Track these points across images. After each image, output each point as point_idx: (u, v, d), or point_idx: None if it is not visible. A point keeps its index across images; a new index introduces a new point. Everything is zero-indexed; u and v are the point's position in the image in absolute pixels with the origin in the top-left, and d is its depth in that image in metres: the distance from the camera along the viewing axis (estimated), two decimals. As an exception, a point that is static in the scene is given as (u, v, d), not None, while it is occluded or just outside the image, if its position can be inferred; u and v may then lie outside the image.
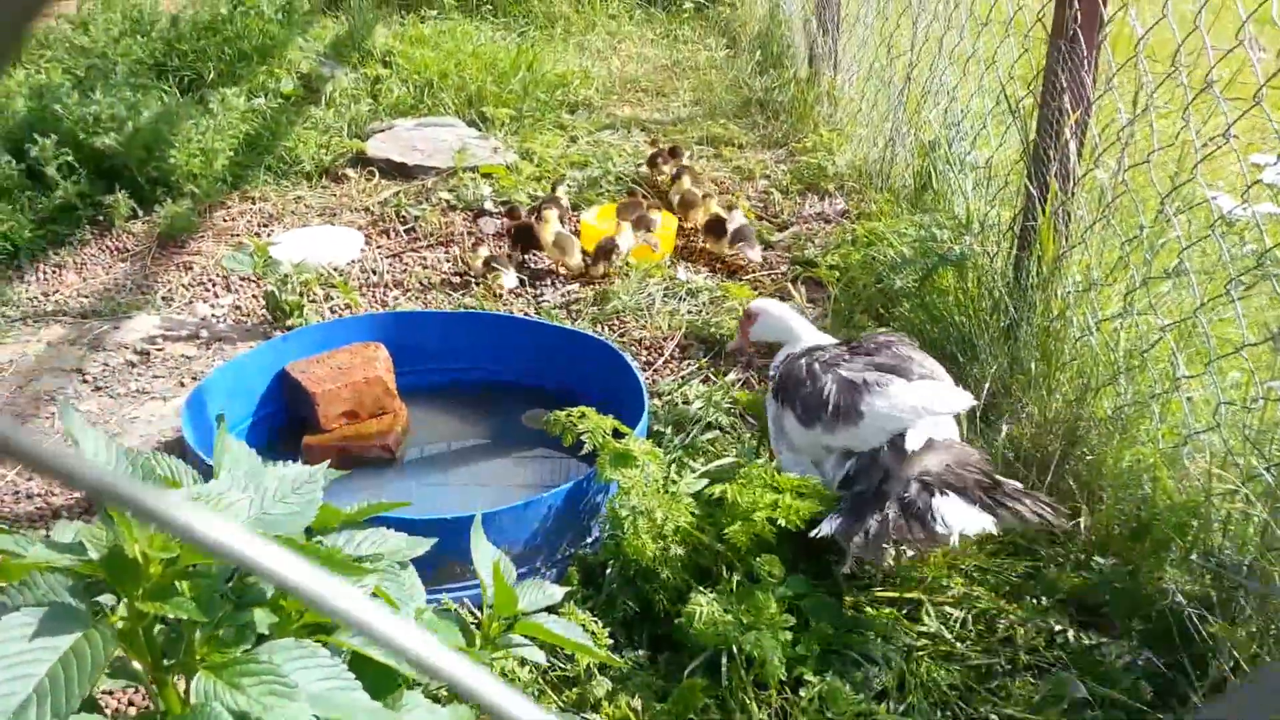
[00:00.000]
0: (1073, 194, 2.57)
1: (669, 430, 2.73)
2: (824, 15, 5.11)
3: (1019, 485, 2.08)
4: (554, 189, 4.19)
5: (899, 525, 1.96)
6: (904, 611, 2.13)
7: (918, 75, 3.90)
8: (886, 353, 2.27)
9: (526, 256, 3.84)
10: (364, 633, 0.43)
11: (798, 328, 2.51)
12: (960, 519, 1.95)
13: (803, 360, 2.31)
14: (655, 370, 3.15)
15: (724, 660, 1.93)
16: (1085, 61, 2.45)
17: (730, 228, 3.76)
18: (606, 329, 3.38)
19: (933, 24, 3.81)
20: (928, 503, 1.97)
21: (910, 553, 2.19)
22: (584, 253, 3.79)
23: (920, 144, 3.74)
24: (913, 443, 2.06)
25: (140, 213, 4.10)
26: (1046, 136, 2.60)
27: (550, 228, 3.71)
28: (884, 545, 1.98)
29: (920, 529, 1.95)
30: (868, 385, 2.14)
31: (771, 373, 2.46)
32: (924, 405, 2.09)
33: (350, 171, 4.62)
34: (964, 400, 2.16)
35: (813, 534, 2.04)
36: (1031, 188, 2.66)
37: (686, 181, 4.18)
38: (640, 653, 2.02)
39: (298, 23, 5.63)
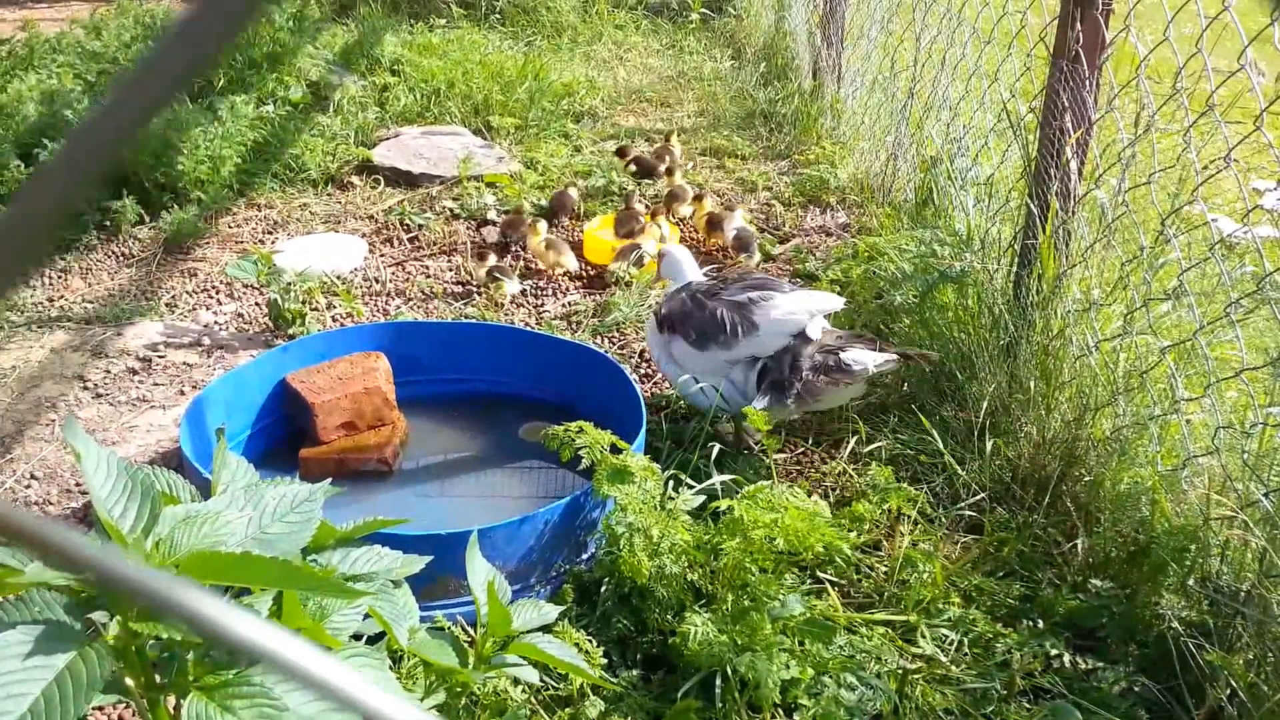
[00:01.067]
0: (1073, 213, 2.57)
1: (667, 445, 2.73)
2: (828, 28, 5.11)
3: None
4: (566, 189, 4.25)
5: (820, 378, 2.50)
6: (899, 634, 2.13)
7: (920, 90, 3.90)
8: (752, 278, 2.71)
9: (516, 250, 3.93)
10: None
11: (687, 270, 2.88)
12: (866, 358, 2.50)
13: (682, 294, 2.71)
14: (654, 383, 3.15)
15: (718, 682, 1.93)
16: (1087, 82, 2.45)
17: (730, 228, 3.81)
18: (606, 341, 3.39)
19: (936, 39, 3.81)
20: (837, 358, 2.50)
21: (830, 400, 2.61)
22: (585, 262, 3.84)
23: (922, 159, 3.74)
24: (814, 332, 2.57)
25: (147, 219, 4.11)
26: (1047, 155, 2.60)
27: (539, 237, 3.79)
28: (813, 395, 2.50)
29: (839, 373, 2.49)
30: (754, 303, 2.58)
31: (658, 308, 2.82)
32: (812, 307, 2.58)
33: (356, 179, 4.64)
34: (838, 301, 2.67)
35: (751, 405, 2.47)
36: (1032, 206, 2.66)
37: (678, 177, 4.37)
38: (634, 673, 2.02)
39: (308, 30, 5.65)
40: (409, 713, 0.44)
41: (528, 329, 3.23)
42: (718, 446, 2.70)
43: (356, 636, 1.51)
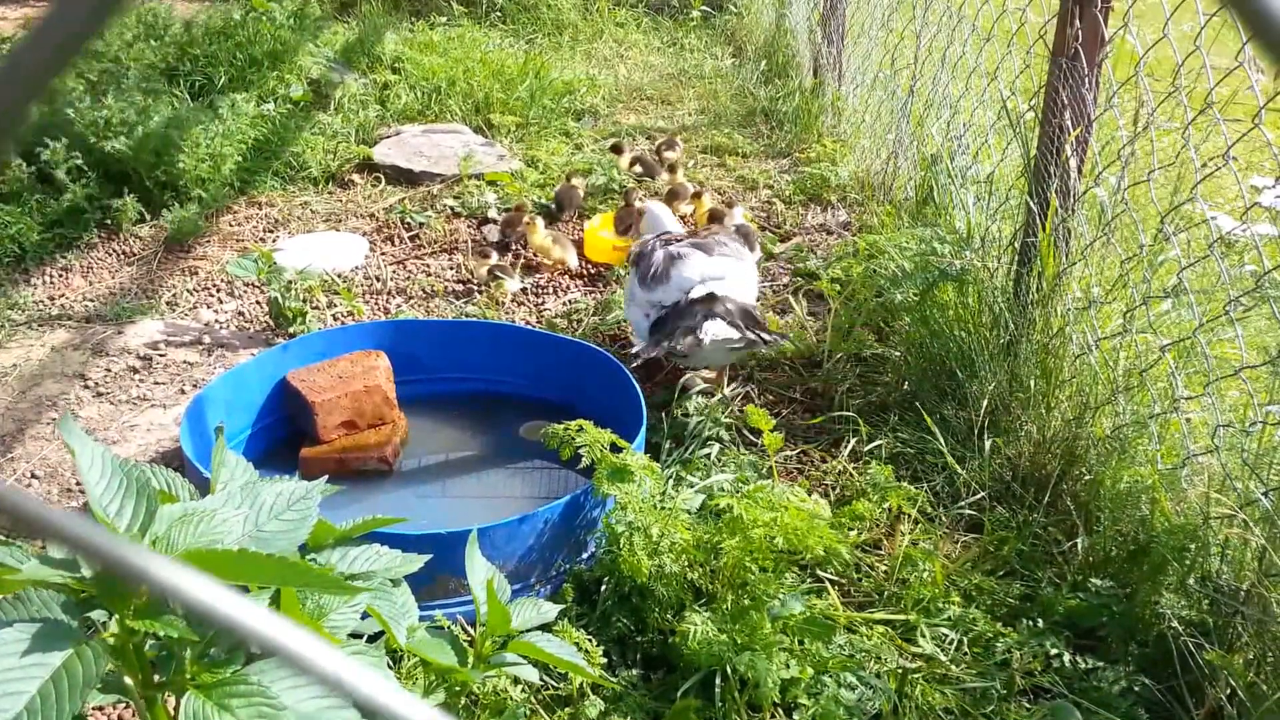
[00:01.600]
0: (1073, 211, 2.56)
1: (667, 444, 2.73)
2: (829, 26, 5.10)
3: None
4: (569, 179, 4.27)
5: (682, 336, 2.78)
6: (899, 633, 2.13)
7: (921, 88, 3.90)
8: (706, 236, 3.07)
9: (517, 248, 3.94)
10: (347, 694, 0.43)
11: (667, 224, 3.25)
12: (715, 330, 2.77)
13: (652, 242, 3.06)
14: (654, 382, 3.15)
15: (718, 681, 1.93)
16: (1086, 79, 2.44)
17: (730, 224, 3.81)
18: (607, 339, 3.39)
19: (936, 36, 3.81)
20: (699, 323, 2.79)
21: (694, 357, 2.95)
22: (586, 260, 3.85)
23: (922, 156, 3.74)
24: (696, 293, 2.88)
25: (148, 217, 4.11)
26: (1047, 153, 2.60)
27: (538, 233, 3.81)
28: (669, 348, 2.81)
29: (691, 336, 2.77)
30: (680, 257, 2.92)
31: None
32: (709, 273, 2.90)
33: (357, 177, 4.64)
34: (727, 277, 2.99)
35: (633, 351, 2.93)
36: (1032, 203, 2.65)
37: (679, 174, 4.39)
38: (634, 672, 2.02)
39: (309, 28, 5.65)
40: (418, 709, 0.43)
41: (528, 327, 3.23)
42: (718, 446, 2.70)
43: (355, 636, 1.51)
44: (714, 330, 2.81)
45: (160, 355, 3.26)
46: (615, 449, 2.24)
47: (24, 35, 0.35)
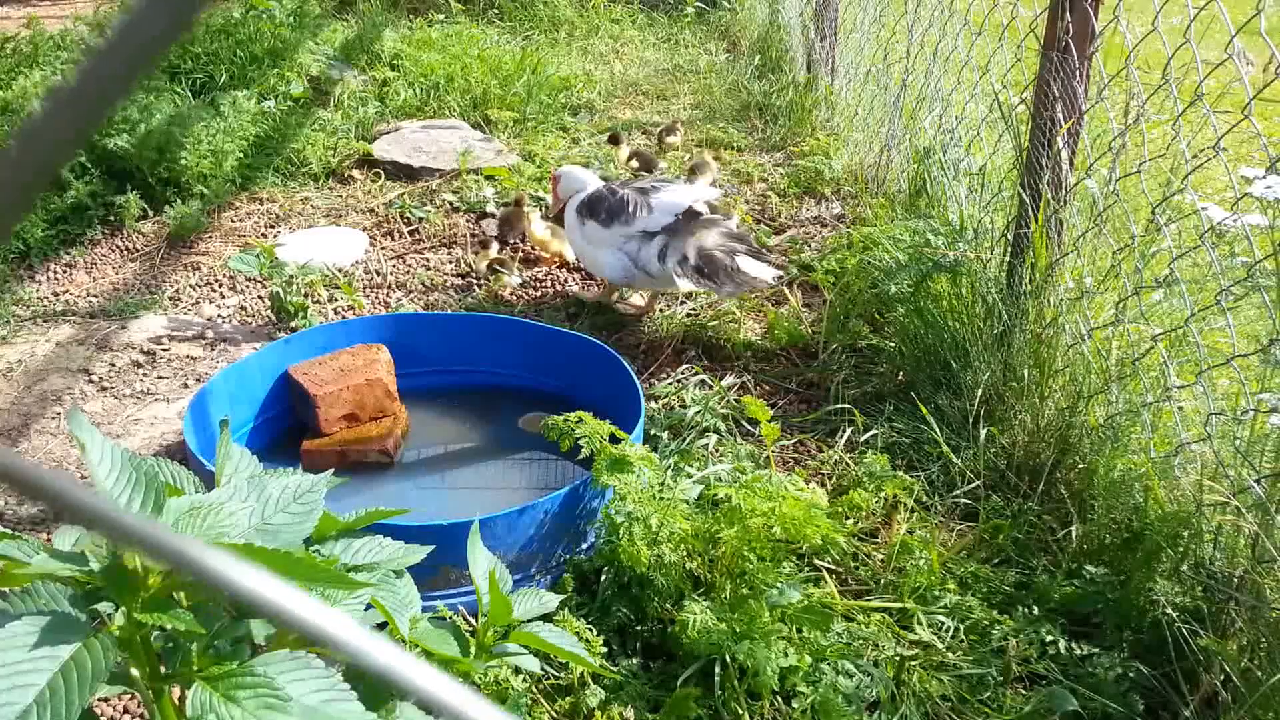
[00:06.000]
0: (1065, 202, 2.59)
1: (665, 435, 2.76)
2: (822, 21, 5.13)
3: (768, 247, 3.84)
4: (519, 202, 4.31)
5: (730, 281, 3.13)
6: (896, 620, 2.15)
7: (913, 82, 3.91)
8: (653, 179, 3.40)
9: (515, 241, 3.97)
10: (354, 656, 0.45)
11: (589, 180, 3.47)
12: (764, 272, 3.17)
13: (601, 188, 3.34)
14: (652, 374, 3.17)
15: (717, 669, 1.95)
16: (1077, 72, 2.46)
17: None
18: (605, 332, 3.41)
19: (928, 31, 3.82)
20: (737, 265, 3.15)
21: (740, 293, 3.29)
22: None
23: (915, 150, 3.76)
24: (702, 209, 3.19)
25: (150, 213, 4.14)
26: (1039, 145, 2.62)
27: (535, 226, 3.84)
28: (727, 287, 3.14)
29: (741, 275, 3.14)
30: (654, 188, 3.26)
31: (571, 208, 3.43)
32: (696, 194, 3.25)
33: (356, 173, 4.66)
34: (715, 191, 3.42)
35: (684, 289, 3.25)
36: (1024, 195, 2.67)
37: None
38: (634, 661, 2.05)
39: (308, 26, 5.67)
40: (461, 695, 0.44)
41: (527, 320, 3.25)
42: (716, 436, 2.73)
43: (359, 626, 1.53)
44: (762, 272, 3.14)
45: (163, 350, 3.28)
46: (614, 440, 2.26)
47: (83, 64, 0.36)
